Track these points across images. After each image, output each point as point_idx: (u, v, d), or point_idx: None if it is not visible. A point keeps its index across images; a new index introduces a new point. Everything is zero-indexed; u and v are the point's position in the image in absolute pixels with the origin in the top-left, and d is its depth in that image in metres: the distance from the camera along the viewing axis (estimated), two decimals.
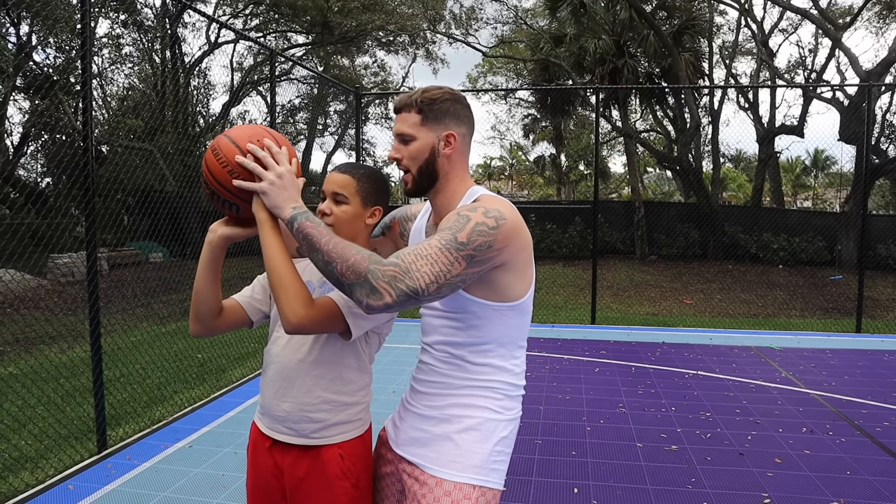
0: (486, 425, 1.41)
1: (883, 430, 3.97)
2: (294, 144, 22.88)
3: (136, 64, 16.73)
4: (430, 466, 1.40)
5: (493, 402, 1.42)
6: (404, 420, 1.53)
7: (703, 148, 17.93)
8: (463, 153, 1.46)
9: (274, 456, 1.57)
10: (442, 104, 1.41)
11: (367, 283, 1.19)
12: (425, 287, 1.20)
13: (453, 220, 1.27)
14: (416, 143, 1.41)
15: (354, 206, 1.54)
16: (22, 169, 17.34)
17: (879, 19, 17.97)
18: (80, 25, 3.66)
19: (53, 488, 3.17)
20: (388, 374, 5.28)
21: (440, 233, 1.26)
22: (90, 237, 3.59)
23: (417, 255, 1.22)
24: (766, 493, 3.09)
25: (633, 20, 14.33)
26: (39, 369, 5.19)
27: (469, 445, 1.39)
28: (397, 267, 1.20)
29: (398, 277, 1.19)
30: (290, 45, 19.37)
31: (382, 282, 1.19)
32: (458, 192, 1.45)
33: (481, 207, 1.29)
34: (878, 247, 13.44)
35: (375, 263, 1.21)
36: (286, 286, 1.34)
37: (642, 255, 15.40)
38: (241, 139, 1.39)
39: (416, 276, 1.20)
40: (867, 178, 8.92)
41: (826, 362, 5.73)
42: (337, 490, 1.53)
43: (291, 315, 1.32)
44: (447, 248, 1.23)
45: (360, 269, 1.20)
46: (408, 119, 1.41)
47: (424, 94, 1.41)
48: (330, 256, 1.23)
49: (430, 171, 1.42)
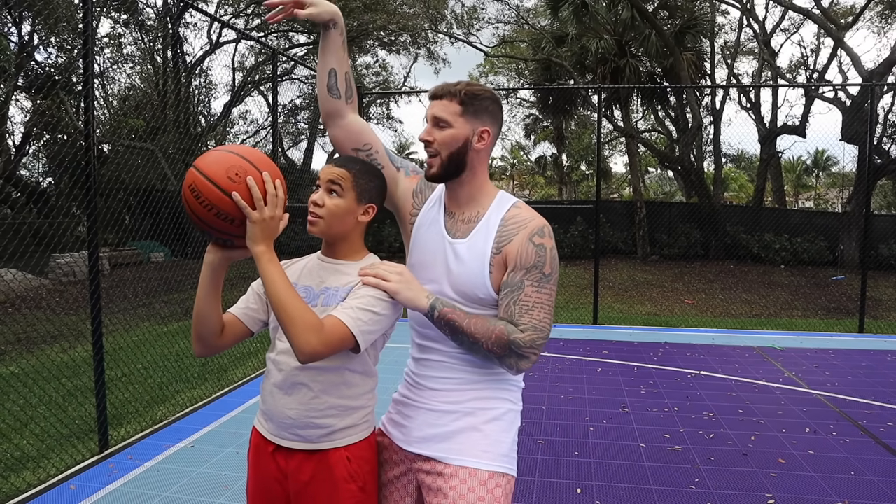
0: (508, 416, 1.49)
1: (886, 431, 3.96)
2: (295, 144, 22.88)
3: (137, 63, 16.74)
4: (457, 458, 1.43)
5: (511, 395, 1.51)
6: (412, 418, 1.54)
7: (704, 148, 17.91)
8: (489, 151, 1.53)
9: (277, 460, 1.53)
10: (483, 101, 1.46)
11: (514, 354, 1.36)
12: (550, 329, 1.40)
13: (532, 254, 1.40)
14: (452, 131, 1.45)
15: (348, 201, 1.50)
16: (24, 168, 17.36)
17: (882, 19, 17.95)
18: (82, 25, 3.65)
19: (55, 488, 3.16)
20: (390, 374, 5.26)
21: (528, 275, 1.39)
22: (92, 237, 3.58)
23: (528, 310, 1.37)
24: (769, 494, 3.08)
25: (634, 20, 14.31)
26: (41, 369, 5.19)
27: (497, 435, 1.45)
28: (528, 331, 1.36)
29: (535, 339, 1.36)
30: (291, 44, 19.37)
31: (527, 349, 1.36)
32: (485, 192, 1.52)
33: (546, 228, 1.42)
34: (880, 247, 13.41)
35: (515, 333, 1.36)
36: (294, 317, 1.32)
37: (644, 255, 15.39)
38: (220, 177, 1.32)
39: (544, 327, 1.38)
40: (869, 178, 8.91)
41: (829, 362, 5.72)
42: (343, 494, 1.50)
43: (304, 345, 1.31)
44: (541, 287, 1.39)
45: (503, 343, 1.35)
46: (448, 107, 1.45)
47: (468, 87, 1.46)
48: (475, 337, 1.37)
49: (459, 161, 1.46)
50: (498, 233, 1.44)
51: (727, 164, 28.31)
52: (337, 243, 1.56)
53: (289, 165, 19.58)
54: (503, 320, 1.39)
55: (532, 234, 1.41)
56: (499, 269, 1.43)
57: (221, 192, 1.32)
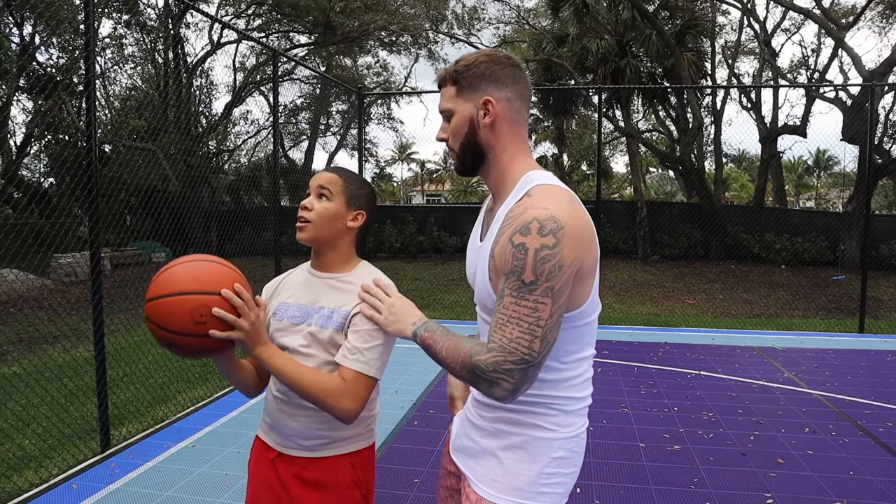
0: (535, 444, 1.27)
1: (886, 431, 3.96)
2: (296, 144, 22.89)
3: (138, 64, 16.77)
4: (474, 481, 1.33)
5: (545, 419, 1.27)
6: (462, 426, 1.46)
7: (705, 148, 17.91)
8: (510, 121, 1.28)
9: (277, 468, 1.53)
10: (476, 68, 1.27)
11: (481, 380, 1.16)
12: (528, 351, 1.12)
13: (510, 257, 1.15)
14: (455, 118, 1.29)
15: (337, 205, 1.51)
16: (25, 169, 17.38)
17: (882, 19, 17.94)
18: (84, 26, 3.67)
19: (57, 487, 3.18)
20: (391, 374, 5.28)
21: (507, 281, 1.15)
22: (93, 237, 3.60)
23: (502, 325, 1.14)
24: (768, 494, 3.09)
25: (635, 20, 14.32)
26: (43, 369, 5.20)
27: (512, 465, 1.28)
28: (493, 350, 1.14)
29: (499, 361, 1.13)
30: (292, 45, 19.39)
31: (490, 372, 1.14)
32: (510, 175, 1.29)
33: (534, 223, 1.13)
34: (880, 247, 13.41)
35: (477, 355, 1.16)
36: (318, 395, 1.39)
37: (644, 255, 15.39)
38: (188, 326, 1.29)
39: (514, 348, 1.12)
40: (870, 178, 8.91)
41: (829, 363, 5.72)
42: (347, 500, 1.51)
43: (343, 412, 1.39)
44: (520, 298, 1.13)
45: (468, 368, 1.17)
46: (446, 93, 1.31)
47: (458, 63, 1.29)
48: (446, 363, 1.23)
49: (474, 147, 1.29)
50: (499, 231, 1.23)
51: (728, 164, 28.32)
52: (326, 252, 1.55)
53: (290, 165, 19.59)
54: (475, 339, 1.23)
55: (515, 231, 1.15)
56: (495, 273, 1.23)
57: (197, 337, 1.29)
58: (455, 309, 8.87)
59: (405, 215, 16.95)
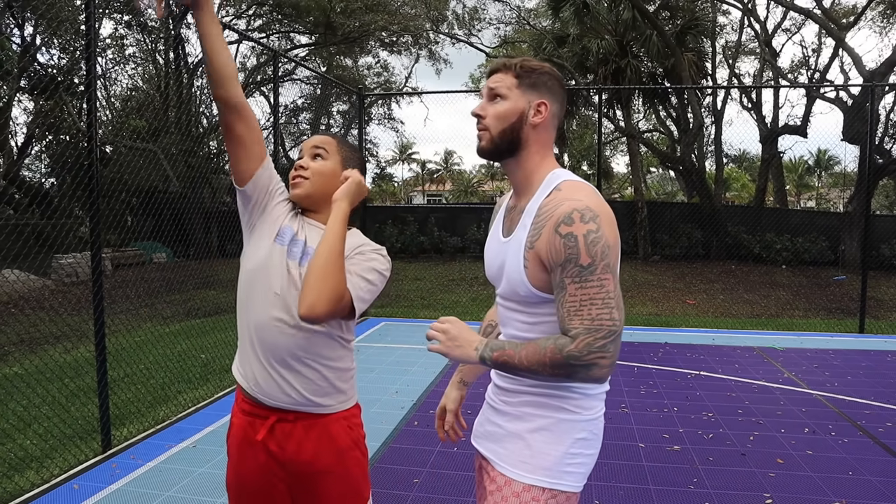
0: (560, 426, 1.35)
1: (885, 431, 3.97)
2: (297, 144, 22.98)
3: (139, 65, 16.79)
4: (500, 464, 1.38)
5: (569, 402, 1.36)
6: (483, 413, 1.52)
7: (706, 148, 17.94)
8: (549, 129, 1.41)
9: (270, 449, 1.49)
10: (540, 76, 1.39)
11: (579, 368, 1.21)
12: (612, 322, 1.21)
13: (561, 247, 1.24)
14: (506, 104, 1.37)
15: (333, 164, 1.54)
16: (26, 170, 17.42)
17: (883, 19, 17.92)
18: (85, 26, 3.68)
19: (58, 487, 3.19)
20: (391, 374, 5.29)
21: (565, 272, 1.24)
22: (94, 237, 3.61)
23: (576, 311, 1.22)
24: (767, 494, 3.09)
25: (635, 20, 14.32)
26: (44, 369, 5.21)
27: (540, 447, 1.35)
28: (579, 336, 1.21)
29: (590, 342, 1.20)
30: (293, 45, 19.40)
31: (586, 357, 1.20)
32: (536, 174, 1.39)
33: (575, 213, 1.24)
34: (881, 247, 13.40)
35: (567, 346, 1.21)
36: (328, 276, 1.35)
37: (645, 256, 15.39)
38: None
39: (598, 325, 1.21)
40: (870, 178, 8.91)
41: (829, 363, 5.73)
42: (350, 462, 1.53)
43: (317, 304, 1.33)
44: (584, 281, 1.22)
45: (560, 363, 1.22)
46: (503, 80, 1.38)
47: (525, 61, 1.39)
48: (531, 370, 1.26)
49: (513, 137, 1.37)
50: (533, 224, 1.32)
51: (728, 165, 28.31)
52: (321, 209, 1.56)
53: (290, 165, 19.61)
54: (553, 336, 1.27)
55: (557, 223, 1.25)
56: (534, 264, 1.30)
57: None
58: (455, 309, 8.88)
59: (406, 215, 16.96)
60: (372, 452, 3.60)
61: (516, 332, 1.40)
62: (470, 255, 15.99)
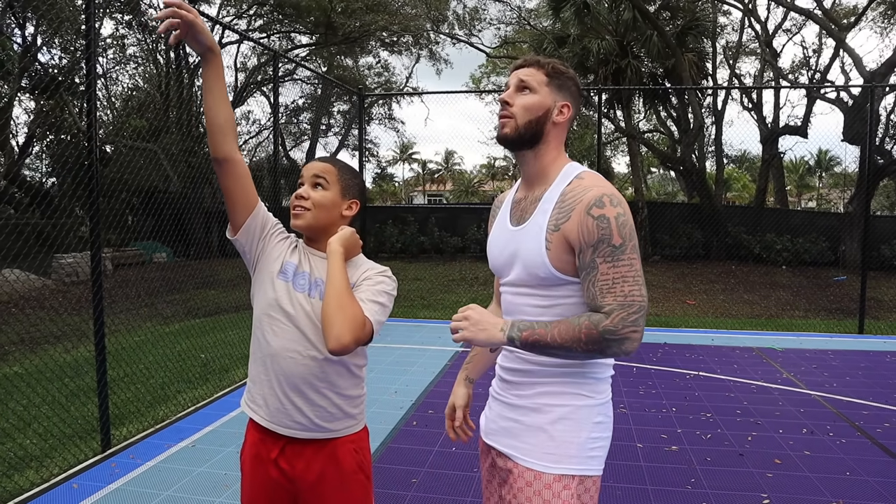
0: (579, 413, 1.39)
1: (883, 431, 3.97)
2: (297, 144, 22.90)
3: (140, 64, 16.81)
4: (525, 459, 1.39)
5: (585, 388, 1.41)
6: (492, 409, 1.53)
7: (706, 148, 17.92)
8: (565, 130, 1.49)
9: (280, 466, 1.55)
10: (568, 79, 1.46)
11: (612, 342, 1.27)
12: (642, 298, 1.29)
13: (594, 228, 1.30)
14: (536, 97, 1.43)
15: (333, 194, 1.56)
16: (27, 169, 17.44)
17: (884, 19, 17.92)
18: (85, 26, 3.69)
19: (58, 487, 3.20)
20: (391, 374, 5.30)
21: (597, 252, 1.30)
22: (94, 237, 3.62)
23: (609, 288, 1.28)
24: (764, 494, 3.10)
25: (636, 20, 14.32)
26: (44, 369, 5.22)
27: (564, 436, 1.38)
28: (614, 311, 1.27)
29: (624, 317, 1.27)
30: (293, 45, 19.41)
31: (621, 331, 1.26)
32: (553, 167, 1.45)
33: (605, 197, 1.31)
34: (882, 247, 13.40)
35: (602, 322, 1.27)
36: (345, 307, 1.39)
37: (645, 256, 15.39)
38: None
39: (632, 301, 1.28)
40: (870, 179, 8.91)
41: (828, 363, 5.73)
42: (353, 485, 1.56)
43: (342, 335, 1.36)
44: (616, 260, 1.29)
45: (595, 338, 1.27)
46: (535, 75, 1.44)
47: (556, 63, 1.46)
48: (565, 347, 1.29)
49: (537, 129, 1.43)
50: (556, 209, 1.37)
51: (729, 165, 28.29)
52: (320, 239, 1.58)
53: (291, 166, 19.62)
54: (586, 314, 1.31)
55: (589, 206, 1.31)
56: (558, 246, 1.34)
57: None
58: (455, 309, 8.87)
59: (406, 215, 16.96)
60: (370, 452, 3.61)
61: (527, 318, 1.41)
62: (470, 255, 16.00)
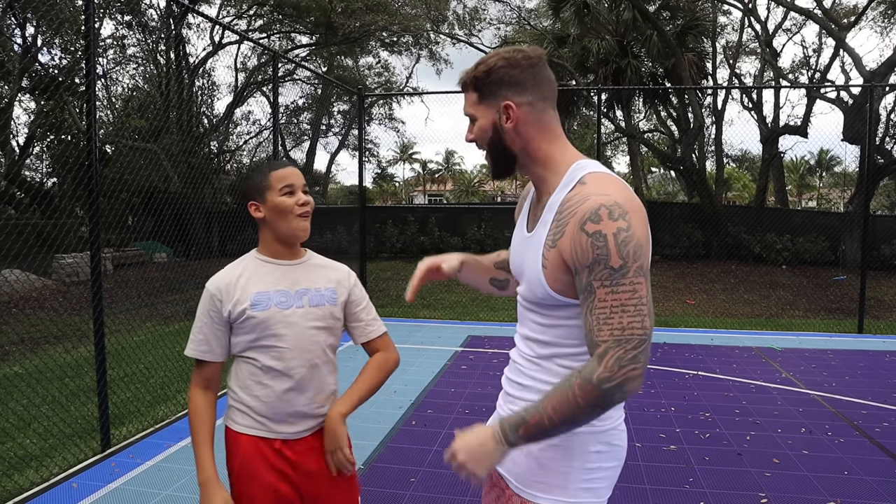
0: (572, 440, 1.25)
1: (882, 431, 3.98)
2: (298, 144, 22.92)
3: (140, 65, 16.81)
4: (515, 484, 1.31)
5: None
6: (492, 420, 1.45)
7: (706, 148, 17.90)
8: (534, 122, 1.27)
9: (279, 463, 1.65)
10: (495, 74, 1.25)
11: (614, 391, 1.10)
12: (643, 331, 1.11)
13: (588, 247, 1.12)
14: (479, 123, 1.30)
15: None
16: (27, 169, 17.45)
17: (884, 19, 17.92)
18: (85, 27, 3.69)
19: (58, 486, 3.21)
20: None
21: (592, 274, 1.13)
22: (94, 237, 3.63)
23: (606, 318, 1.11)
24: (763, 493, 3.11)
25: (636, 20, 14.33)
26: (44, 369, 5.23)
27: (551, 464, 1.26)
28: (609, 350, 1.10)
29: (620, 356, 1.10)
30: (294, 45, 19.42)
31: (618, 373, 1.10)
32: (553, 164, 1.28)
33: (602, 209, 1.12)
34: (882, 247, 13.40)
35: (594, 372, 1.11)
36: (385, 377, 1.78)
37: None
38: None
39: (629, 335, 1.10)
40: (870, 179, 8.91)
41: (827, 363, 5.74)
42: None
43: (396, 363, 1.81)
44: (616, 285, 1.11)
45: (592, 393, 1.11)
46: (469, 98, 1.31)
47: (478, 67, 1.28)
48: (565, 421, 1.14)
49: (501, 149, 1.29)
50: (554, 221, 1.20)
51: (729, 165, 28.28)
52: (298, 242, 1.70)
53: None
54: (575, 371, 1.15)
55: (583, 220, 1.13)
56: (554, 265, 1.19)
57: None
58: (455, 309, 8.89)
59: (406, 215, 16.96)
60: (369, 452, 3.62)
61: (529, 333, 1.32)
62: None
